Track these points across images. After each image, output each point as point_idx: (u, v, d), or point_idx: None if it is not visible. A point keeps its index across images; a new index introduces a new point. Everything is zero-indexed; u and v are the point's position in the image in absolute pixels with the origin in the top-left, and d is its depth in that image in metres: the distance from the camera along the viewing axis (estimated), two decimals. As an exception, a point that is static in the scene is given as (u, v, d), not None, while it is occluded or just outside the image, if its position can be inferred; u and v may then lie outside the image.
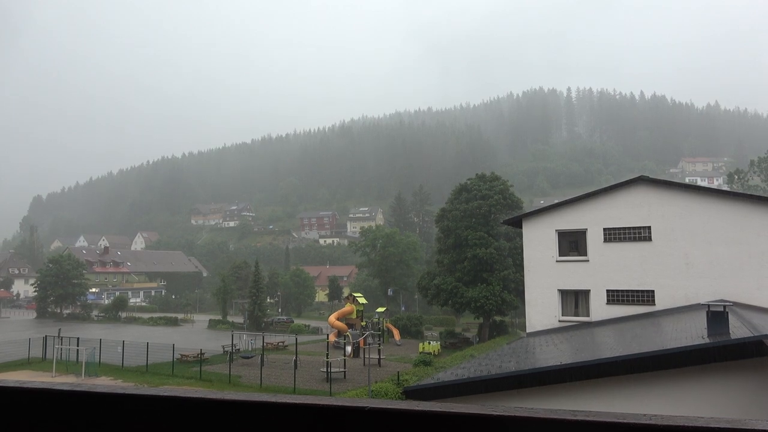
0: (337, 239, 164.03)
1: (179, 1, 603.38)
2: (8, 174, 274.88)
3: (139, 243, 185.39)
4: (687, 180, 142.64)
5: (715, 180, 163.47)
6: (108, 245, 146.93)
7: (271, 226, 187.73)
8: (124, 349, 39.88)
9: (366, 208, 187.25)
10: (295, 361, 36.70)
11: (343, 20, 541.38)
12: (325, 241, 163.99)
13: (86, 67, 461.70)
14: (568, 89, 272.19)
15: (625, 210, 25.00)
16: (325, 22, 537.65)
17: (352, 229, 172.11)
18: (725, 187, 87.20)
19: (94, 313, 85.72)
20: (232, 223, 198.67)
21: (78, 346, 40.23)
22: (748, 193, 39.39)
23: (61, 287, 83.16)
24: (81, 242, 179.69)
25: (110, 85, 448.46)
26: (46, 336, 44.83)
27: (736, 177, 79.02)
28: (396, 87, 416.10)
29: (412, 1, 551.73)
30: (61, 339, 42.22)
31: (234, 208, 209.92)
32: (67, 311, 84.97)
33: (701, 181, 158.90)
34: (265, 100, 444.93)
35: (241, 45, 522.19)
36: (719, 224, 23.12)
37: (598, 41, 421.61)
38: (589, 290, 25.06)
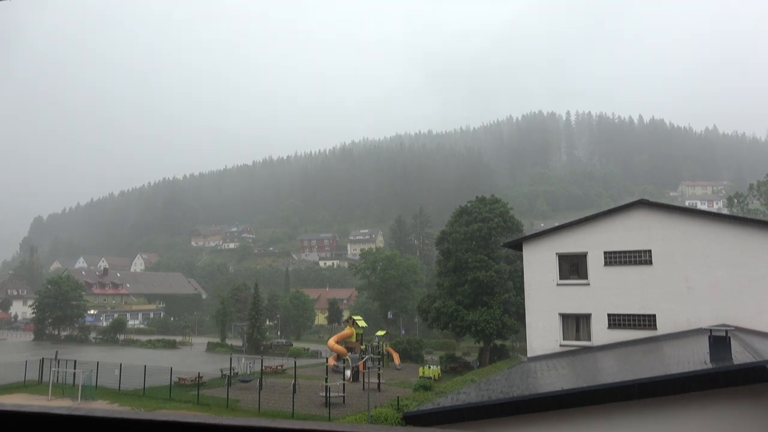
0: (337, 261, 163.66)
1: (181, 24, 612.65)
2: (9, 194, 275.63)
3: (138, 264, 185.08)
4: (687, 203, 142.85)
5: (714, 203, 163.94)
6: (107, 266, 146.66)
7: (271, 248, 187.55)
8: (122, 372, 39.52)
9: (366, 231, 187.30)
10: (294, 385, 36.35)
11: (346, 46, 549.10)
12: (325, 264, 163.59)
13: (87, 88, 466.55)
14: (567, 113, 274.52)
15: (625, 233, 25.01)
16: (328, 47, 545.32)
17: (353, 251, 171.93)
18: (725, 211, 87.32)
19: (92, 335, 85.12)
20: (232, 245, 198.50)
21: (75, 368, 39.87)
22: (748, 217, 39.46)
23: (60, 309, 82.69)
24: (81, 263, 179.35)
25: (112, 106, 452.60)
26: (42, 358, 44.46)
27: (736, 201, 79.14)
28: (396, 110, 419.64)
29: (414, 28, 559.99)
30: (58, 362, 41.86)
31: (234, 229, 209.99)
32: (65, 333, 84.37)
33: (701, 204, 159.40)
34: (266, 123, 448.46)
35: (243, 68, 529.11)
36: (720, 248, 23.12)
37: (597, 66, 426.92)
38: (590, 314, 24.93)
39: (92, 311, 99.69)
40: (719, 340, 13.64)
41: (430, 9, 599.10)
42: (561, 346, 25.16)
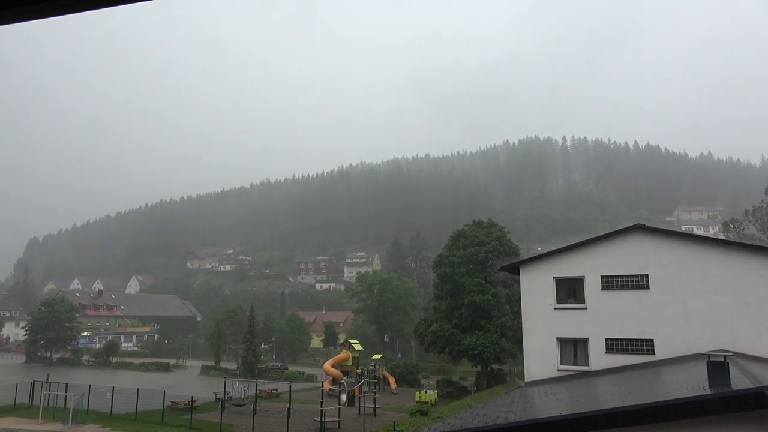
0: (334, 284, 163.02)
1: (178, 50, 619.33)
2: (5, 215, 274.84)
3: (134, 286, 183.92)
4: (683, 228, 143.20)
5: (710, 229, 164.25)
6: (102, 288, 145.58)
7: (267, 270, 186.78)
8: (114, 396, 38.96)
9: (363, 253, 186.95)
10: (289, 409, 35.83)
11: (343, 71, 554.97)
12: (321, 286, 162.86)
13: (83, 109, 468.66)
14: (563, 138, 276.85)
15: (622, 258, 25.02)
16: (325, 73, 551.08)
17: (349, 274, 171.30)
18: (721, 236, 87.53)
19: (85, 357, 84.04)
20: (228, 267, 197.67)
21: (66, 391, 39.30)
22: (745, 242, 39.57)
23: (53, 331, 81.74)
24: (75, 285, 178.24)
25: (109, 128, 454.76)
26: (33, 381, 43.83)
27: (732, 226, 79.42)
28: (394, 134, 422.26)
29: (412, 52, 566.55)
30: (49, 384, 41.25)
31: (231, 251, 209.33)
32: (57, 356, 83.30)
33: (697, 229, 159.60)
34: (264, 145, 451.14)
35: (240, 91, 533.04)
36: (717, 273, 23.13)
37: (592, 92, 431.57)
38: (588, 339, 24.80)
39: (86, 333, 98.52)
40: (718, 366, 13.56)
41: (427, 35, 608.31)
42: (559, 370, 24.96)
